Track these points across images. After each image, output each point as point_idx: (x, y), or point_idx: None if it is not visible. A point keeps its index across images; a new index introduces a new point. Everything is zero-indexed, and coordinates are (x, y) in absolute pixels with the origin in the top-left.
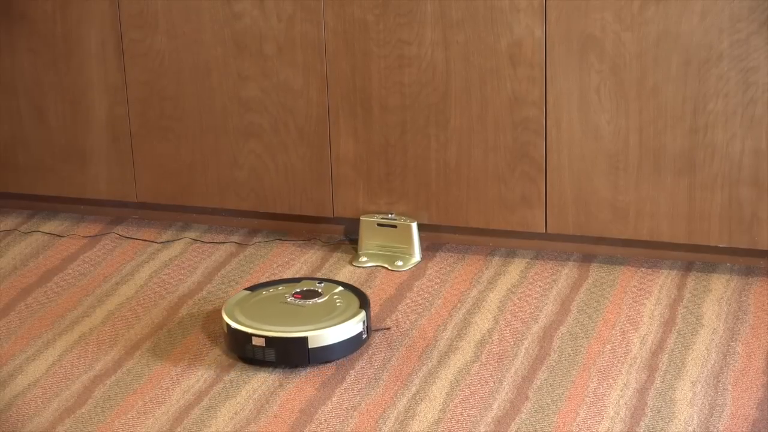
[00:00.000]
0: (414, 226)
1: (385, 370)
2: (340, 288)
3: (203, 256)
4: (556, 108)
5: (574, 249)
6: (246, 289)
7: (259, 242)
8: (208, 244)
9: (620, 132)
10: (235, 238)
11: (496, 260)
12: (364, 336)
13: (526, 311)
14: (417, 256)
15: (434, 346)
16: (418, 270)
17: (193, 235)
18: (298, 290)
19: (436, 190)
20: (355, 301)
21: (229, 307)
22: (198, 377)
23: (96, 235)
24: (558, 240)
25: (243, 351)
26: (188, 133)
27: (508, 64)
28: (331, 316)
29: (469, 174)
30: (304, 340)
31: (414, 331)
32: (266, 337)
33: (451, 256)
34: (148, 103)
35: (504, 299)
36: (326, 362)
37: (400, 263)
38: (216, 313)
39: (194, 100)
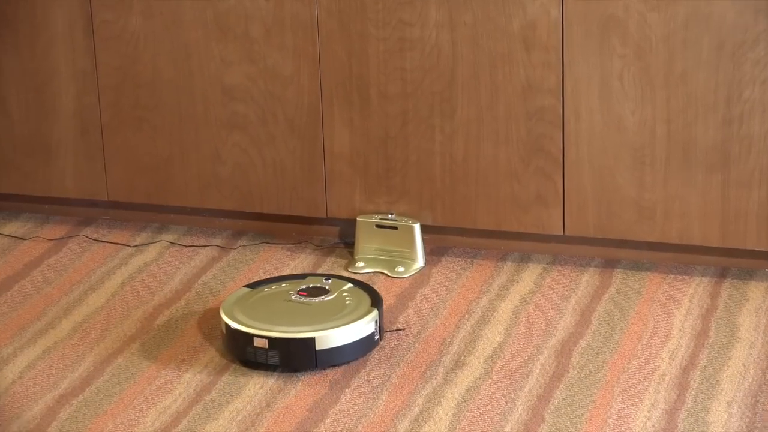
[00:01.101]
0: (417, 227)
1: (384, 388)
2: (350, 285)
3: (182, 261)
4: (574, 96)
5: (595, 253)
6: (246, 286)
7: (244, 246)
8: (187, 248)
9: (646, 123)
10: (217, 241)
11: (508, 266)
12: (377, 337)
13: (541, 323)
14: (420, 261)
15: (439, 362)
16: (422, 277)
17: (170, 237)
18: (304, 287)
19: (441, 188)
20: (366, 299)
21: (228, 305)
22: (176, 396)
23: (62, 238)
24: (577, 243)
25: (243, 353)
26: (165, 124)
27: (521, 48)
28: (340, 315)
29: (478, 170)
30: (311, 341)
31: (417, 344)
32: (269, 338)
33: (458, 261)
34: (121, 91)
35: (517, 309)
36: (334, 366)
37: (401, 269)
38: (206, 315)
39: (172, 88)
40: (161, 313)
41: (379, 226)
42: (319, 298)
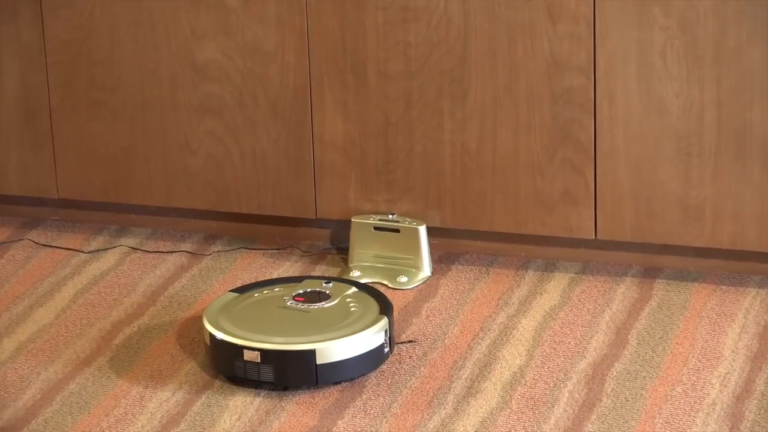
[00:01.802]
0: (422, 230)
1: (384, 419)
2: (354, 289)
3: (145, 270)
4: (607, 75)
5: (633, 260)
6: (232, 291)
7: (219, 252)
8: (151, 254)
9: (692, 107)
10: (186, 246)
11: (531, 275)
12: (387, 350)
13: (569, 343)
14: (426, 270)
15: (449, 389)
16: (428, 288)
17: (131, 242)
18: (301, 292)
19: (450, 184)
20: (373, 306)
21: (212, 313)
22: (139, 428)
23: (3, 243)
24: (611, 248)
25: (231, 368)
26: (126, 108)
27: (544, 18)
28: (344, 323)
29: (495, 162)
30: (311, 354)
31: (422, 368)
32: (262, 350)
33: (471, 269)
34: (73, 69)
35: (540, 327)
36: (337, 383)
37: (403, 279)
38: (176, 331)
39: (134, 66)
40: (121, 330)
41: (377, 228)
42: (318, 304)
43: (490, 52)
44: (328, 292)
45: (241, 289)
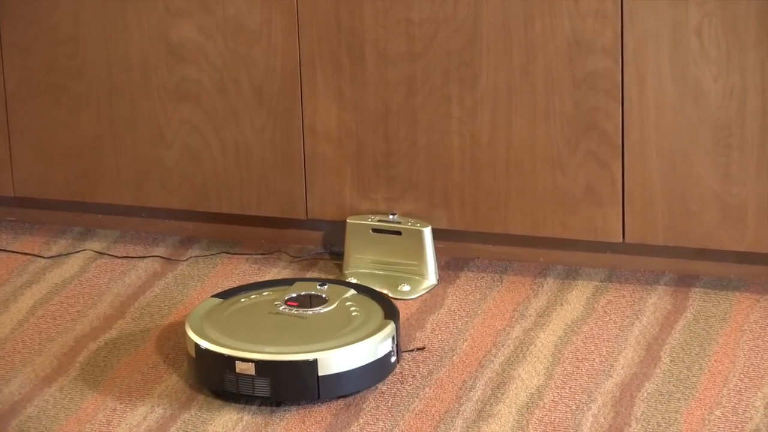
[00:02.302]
0: (427, 232)
1: None
2: (352, 292)
3: (113, 278)
4: (637, 57)
5: (666, 266)
6: (215, 296)
7: (196, 257)
8: (119, 260)
9: (733, 93)
10: (160, 250)
11: (550, 284)
12: (393, 359)
13: (593, 360)
14: (431, 278)
15: (457, 412)
16: (434, 298)
17: (97, 246)
18: (293, 296)
19: (459, 180)
20: (376, 310)
21: (195, 320)
22: None
23: None
24: (641, 253)
25: (220, 382)
26: (91, 94)
27: None
28: (346, 330)
29: (509, 155)
30: (312, 365)
31: (427, 388)
32: (257, 362)
33: (483, 277)
34: (32, 50)
35: (561, 342)
36: (339, 397)
37: (406, 288)
38: (150, 345)
39: (100, 46)
40: (85, 346)
41: (376, 230)
42: (314, 309)
43: (503, 30)
44: (324, 295)
45: (225, 294)
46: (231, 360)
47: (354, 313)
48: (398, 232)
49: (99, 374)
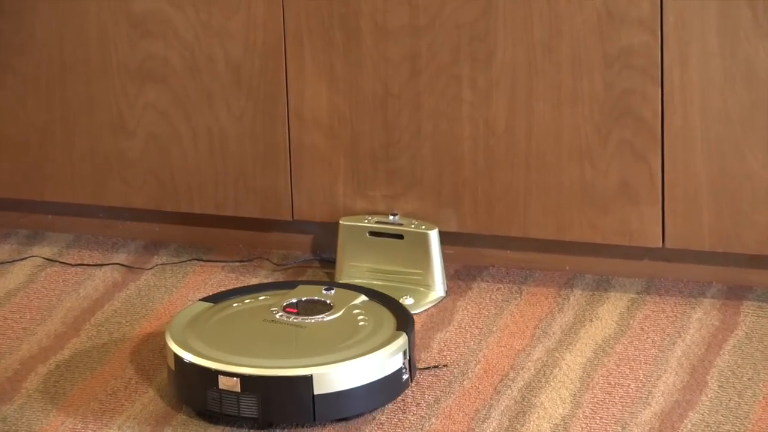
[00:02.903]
0: (433, 235)
1: None
2: (362, 298)
3: (65, 289)
4: (679, 31)
5: (713, 276)
6: (204, 300)
7: (163, 265)
8: (73, 268)
9: None
10: (120, 257)
11: (577, 296)
12: (405, 376)
13: (629, 385)
14: (439, 289)
15: None
16: (442, 313)
17: (47, 252)
18: (293, 301)
19: (471, 175)
20: (388, 319)
21: (178, 328)
22: None
23: None
24: (685, 260)
25: (202, 401)
26: (41, 75)
27: None
28: (350, 342)
29: (530, 146)
30: (307, 381)
31: (433, 419)
32: (243, 377)
33: (499, 288)
34: None
35: (590, 365)
36: (339, 420)
37: (409, 301)
38: (121, 361)
39: (50, 18)
40: (33, 369)
41: (374, 233)
42: (317, 317)
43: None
44: (329, 301)
45: (216, 298)
46: (213, 374)
47: (361, 323)
48: (400, 236)
49: (49, 402)
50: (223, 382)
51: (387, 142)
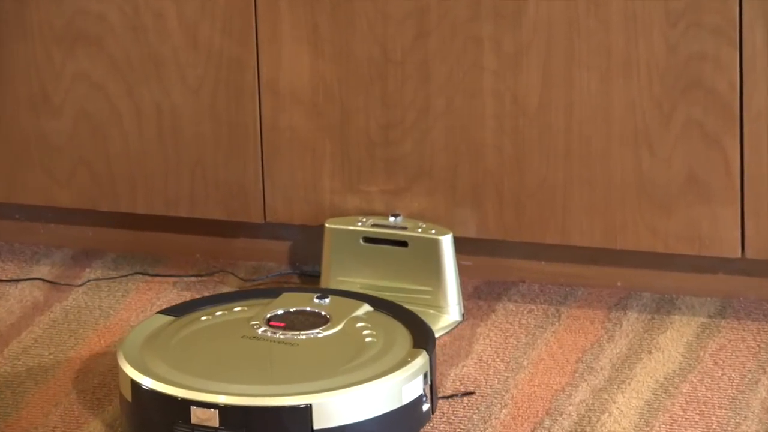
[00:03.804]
0: (445, 242)
1: None
2: (366, 308)
3: None
4: None
5: None
6: (163, 312)
7: (98, 280)
8: None
9: None
10: (42, 270)
11: (632, 321)
12: (427, 406)
13: None
14: (453, 312)
15: None
16: (457, 342)
17: None
18: (279, 312)
19: (495, 164)
20: (402, 335)
21: (133, 348)
22: None
23: None
24: None
25: None
26: None
27: None
28: (356, 363)
29: (570, 128)
30: (304, 413)
31: None
32: (222, 407)
33: (531, 310)
34: None
35: (649, 409)
36: None
37: None
38: (45, 399)
39: None
40: None
41: (370, 240)
42: (311, 332)
43: None
44: (324, 312)
45: (179, 310)
46: (184, 404)
47: (368, 339)
48: (403, 243)
49: None
50: (197, 415)
51: (386, 122)
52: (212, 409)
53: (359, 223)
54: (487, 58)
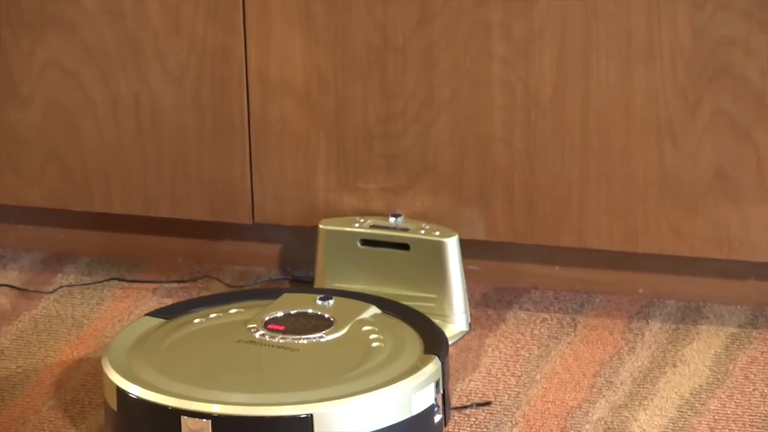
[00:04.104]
0: (451, 245)
1: None
2: (373, 310)
3: None
4: None
5: None
6: (152, 315)
7: (70, 287)
8: None
9: None
10: (10, 275)
11: (655, 331)
12: (438, 417)
13: None
14: (459, 322)
15: None
16: (464, 354)
17: None
18: (279, 315)
19: (505, 160)
20: (412, 338)
21: (119, 354)
22: None
23: None
24: None
25: None
26: None
27: None
28: (362, 369)
29: (587, 119)
30: (305, 423)
31: None
32: (215, 417)
33: (544, 320)
34: None
35: (675, 427)
36: None
37: None
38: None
39: None
40: None
41: (368, 242)
42: (313, 335)
43: None
44: (327, 315)
45: (170, 312)
46: (174, 414)
47: (375, 344)
48: (405, 246)
49: None
50: (188, 426)
51: (386, 114)
52: (204, 420)
53: (356, 224)
54: (496, 44)
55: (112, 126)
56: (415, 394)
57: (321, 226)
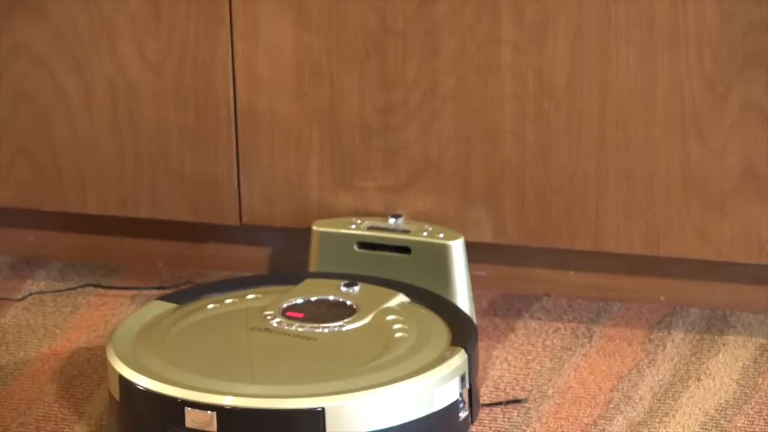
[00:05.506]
0: (456, 248)
1: None
2: (401, 298)
3: None
4: None
5: None
6: (164, 299)
7: (41, 293)
8: None
9: None
10: None
11: (678, 341)
12: (463, 414)
13: None
14: None
15: None
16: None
17: None
18: (299, 302)
19: (515, 156)
20: (438, 330)
21: (124, 341)
22: None
23: None
24: None
25: None
26: None
27: None
28: (381, 361)
29: (605, 111)
30: (316, 417)
31: None
32: (221, 409)
33: (557, 329)
34: None
35: None
36: None
37: None
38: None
39: None
40: None
41: (366, 245)
42: (333, 324)
43: None
44: (351, 302)
45: (182, 296)
46: (178, 405)
47: (399, 334)
48: (406, 249)
49: None
50: (193, 418)
51: (385, 105)
52: (209, 411)
53: (353, 226)
54: (505, 29)
55: (86, 119)
56: (438, 388)
57: (314, 227)
